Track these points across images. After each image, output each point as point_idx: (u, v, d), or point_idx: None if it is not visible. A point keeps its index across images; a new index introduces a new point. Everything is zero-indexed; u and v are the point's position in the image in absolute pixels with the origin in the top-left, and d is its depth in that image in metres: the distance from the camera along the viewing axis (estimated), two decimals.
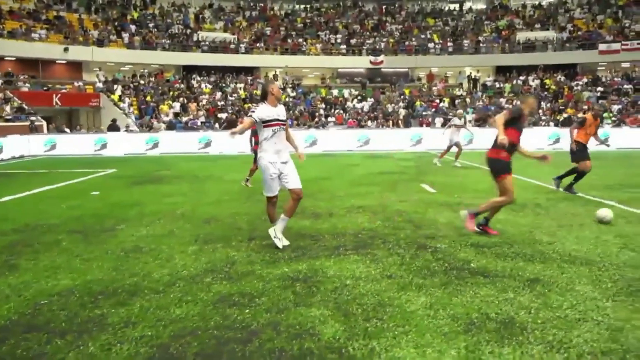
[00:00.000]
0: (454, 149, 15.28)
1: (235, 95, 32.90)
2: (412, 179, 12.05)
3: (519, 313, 3.83)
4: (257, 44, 37.37)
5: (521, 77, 35.52)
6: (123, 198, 9.61)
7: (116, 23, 35.50)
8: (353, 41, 38.62)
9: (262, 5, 42.68)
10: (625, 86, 32.95)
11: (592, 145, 9.75)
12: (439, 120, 27.68)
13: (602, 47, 35.16)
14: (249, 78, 35.67)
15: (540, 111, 29.74)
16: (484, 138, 11.55)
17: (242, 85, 34.32)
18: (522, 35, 38.09)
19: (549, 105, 31.38)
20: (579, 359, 3.13)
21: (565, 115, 28.59)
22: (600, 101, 31.48)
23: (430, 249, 5.65)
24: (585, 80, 34.58)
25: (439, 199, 9.03)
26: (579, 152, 9.46)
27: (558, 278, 4.63)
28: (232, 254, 5.54)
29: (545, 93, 33.21)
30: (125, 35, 34.11)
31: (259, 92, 22.89)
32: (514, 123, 6.00)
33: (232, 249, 5.75)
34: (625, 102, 30.30)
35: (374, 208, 8.26)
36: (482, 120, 27.08)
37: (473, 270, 4.89)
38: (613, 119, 27.79)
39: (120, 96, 30.19)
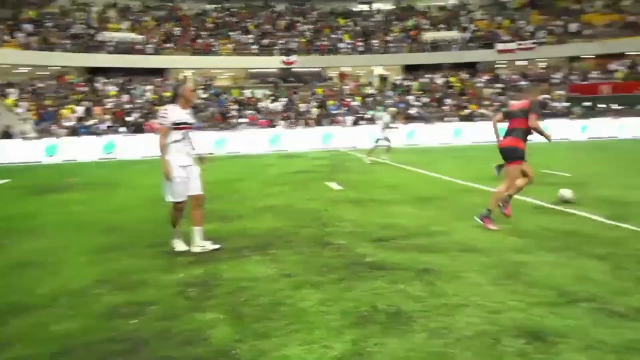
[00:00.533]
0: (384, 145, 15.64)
1: (143, 97, 31.77)
2: (324, 178, 12.20)
3: (407, 303, 3.98)
4: (167, 45, 36.30)
5: (428, 75, 36.99)
6: (18, 210, 9.00)
7: (10, 22, 33.13)
8: (265, 41, 38.51)
9: (171, 5, 41.51)
10: (522, 82, 35.25)
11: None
12: (349, 119, 28.24)
13: (499, 46, 37.38)
14: (159, 80, 34.58)
15: (447, 107, 31.15)
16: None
17: (151, 87, 33.20)
18: (428, 36, 39.68)
19: (454, 102, 32.90)
20: (457, 342, 3.29)
21: (468, 111, 30.08)
22: (499, 97, 33.53)
23: (332, 246, 5.74)
24: (486, 77, 36.64)
25: (349, 196, 9.20)
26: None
27: (448, 267, 4.86)
28: (128, 262, 5.34)
29: (450, 90, 34.80)
30: (21, 35, 31.93)
31: (170, 94, 22.26)
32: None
33: (129, 257, 5.55)
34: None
35: (283, 208, 8.28)
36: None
37: (370, 264, 5.02)
38: None
39: (16, 101, 28.21)
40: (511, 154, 6.52)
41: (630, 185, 9.40)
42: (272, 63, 38.01)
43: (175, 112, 5.50)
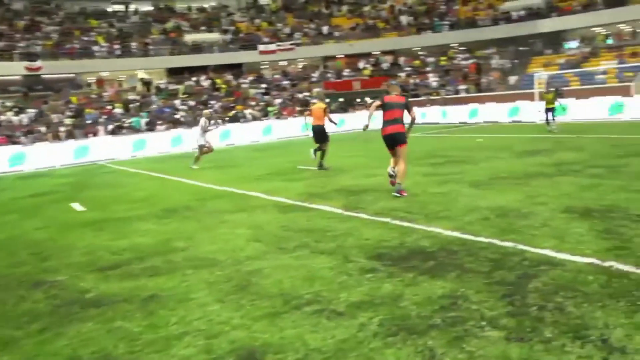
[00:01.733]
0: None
1: None
2: (67, 198, 10.75)
3: (118, 345, 3.41)
4: None
5: (193, 78, 36.34)
6: None
7: None
8: (1, 44, 33.42)
9: None
10: (284, 82, 36.98)
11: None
12: (107, 128, 26.09)
13: (261, 47, 38.58)
14: None
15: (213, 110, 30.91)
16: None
17: None
18: (189, 37, 38.97)
19: (221, 103, 32.88)
20: None
21: (234, 111, 30.32)
22: (265, 97, 34.62)
23: (47, 286, 4.84)
24: (250, 78, 37.50)
25: (88, 218, 8.15)
26: (324, 134, 11.66)
27: (177, 290, 4.41)
28: None
29: (217, 92, 34.73)
30: None
31: None
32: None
33: None
34: (285, 96, 33.93)
35: (1, 243, 6.92)
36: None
37: (87, 301, 4.31)
38: (275, 112, 30.70)
39: None
40: (403, 138, 7.73)
41: (368, 173, 10.19)
42: (14, 69, 33.18)
43: None
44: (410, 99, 8.63)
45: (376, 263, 4.62)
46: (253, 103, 32.86)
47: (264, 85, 36.29)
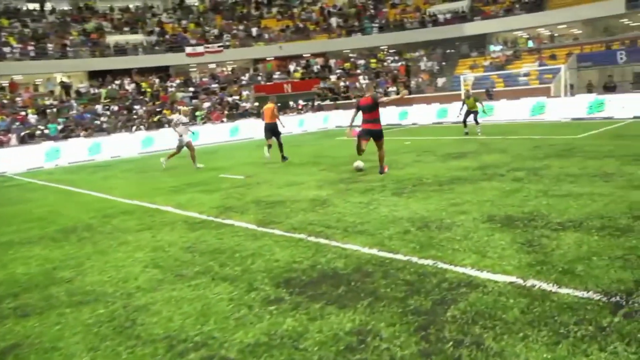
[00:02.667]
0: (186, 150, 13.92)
1: None
2: None
3: None
4: None
5: (116, 82, 34.60)
6: None
7: None
8: None
9: None
10: (212, 85, 35.92)
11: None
12: (16, 136, 24.16)
13: (188, 49, 37.32)
14: None
15: (136, 116, 29.50)
16: None
17: None
18: (112, 39, 37.14)
19: (146, 108, 31.44)
20: None
21: (159, 116, 29.07)
22: (193, 100, 33.45)
23: None
24: (178, 81, 36.18)
25: None
26: (275, 131, 13.34)
27: (46, 335, 3.71)
28: None
29: (142, 96, 33.23)
30: None
31: None
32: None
33: None
34: (214, 100, 32.94)
35: None
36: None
37: None
38: (202, 116, 29.69)
39: None
40: (380, 133, 9.48)
41: (290, 181, 9.69)
42: None
43: None
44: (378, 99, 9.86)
45: (282, 291, 4.11)
46: (180, 107, 31.58)
47: (191, 89, 35.08)
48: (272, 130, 13.38)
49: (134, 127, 24.92)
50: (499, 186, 7.43)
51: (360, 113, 9.65)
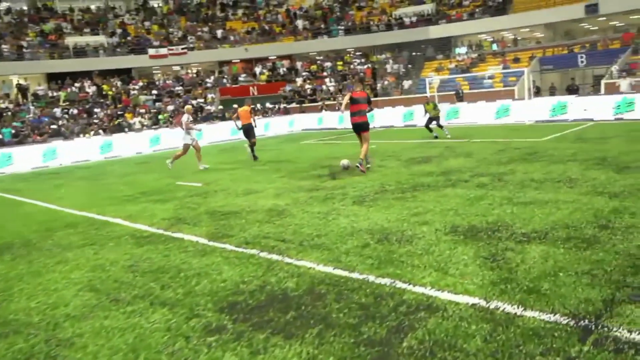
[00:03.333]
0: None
1: None
2: None
3: None
4: None
5: (76, 84, 33.50)
6: None
7: None
8: None
9: None
10: (177, 88, 35.12)
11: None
12: None
13: (151, 51, 36.44)
14: None
15: (97, 119, 28.55)
16: None
17: None
18: (71, 40, 35.97)
19: (107, 111, 30.49)
20: None
21: (119, 120, 28.22)
22: (156, 103, 32.64)
23: None
24: (141, 84, 35.28)
25: None
26: (251, 131, 14.49)
27: None
28: None
29: (103, 99, 32.25)
30: None
31: None
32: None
33: None
34: (178, 103, 32.18)
35: None
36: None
37: None
38: (165, 119, 28.97)
39: None
40: (367, 126, 10.16)
41: (248, 189, 9.28)
42: None
43: None
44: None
45: (226, 318, 3.72)
46: (143, 110, 30.79)
47: (155, 92, 34.23)
48: (247, 131, 14.45)
49: (92, 132, 24.03)
50: (462, 193, 7.19)
51: (349, 106, 10.09)
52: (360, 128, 10.10)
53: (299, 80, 35.27)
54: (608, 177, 7.50)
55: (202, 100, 33.41)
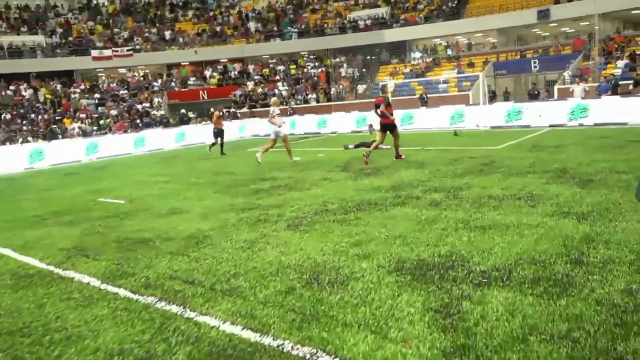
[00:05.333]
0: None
1: None
2: None
3: None
4: None
5: (11, 87, 31.27)
6: None
7: None
8: None
9: None
10: (121, 92, 33.31)
11: None
12: None
13: (94, 53, 34.52)
14: None
15: (32, 125, 26.59)
16: None
17: None
18: (6, 39, 33.64)
19: (46, 116, 28.49)
20: None
21: (53, 126, 26.34)
22: (99, 108, 30.83)
23: None
24: (83, 87, 33.33)
25: None
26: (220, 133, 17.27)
27: None
28: None
29: (41, 104, 30.19)
30: None
31: None
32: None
33: None
34: (121, 107, 30.47)
35: None
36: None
37: None
38: (105, 125, 27.30)
39: None
40: (393, 126, 11.64)
41: (174, 208, 8.13)
42: None
43: None
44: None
45: None
46: (83, 115, 28.93)
47: (97, 95, 32.34)
48: (218, 133, 17.18)
49: (20, 139, 22.19)
50: (413, 214, 6.28)
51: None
52: (387, 128, 11.62)
53: (251, 84, 34.07)
54: (572, 192, 6.75)
55: (148, 104, 31.74)
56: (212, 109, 21.86)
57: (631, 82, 19.05)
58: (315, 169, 11.38)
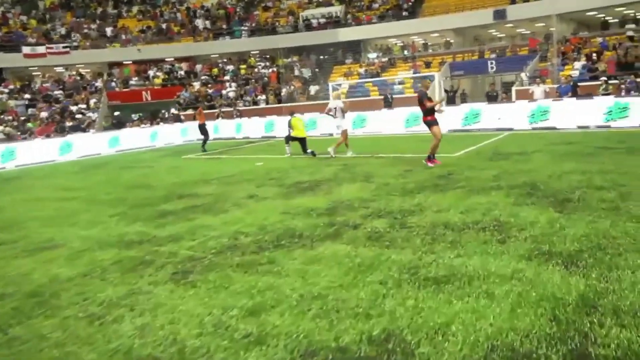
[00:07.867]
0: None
1: None
2: None
3: None
4: None
5: None
6: None
7: None
8: None
9: None
10: (56, 92, 30.68)
11: None
12: None
13: (26, 50, 31.73)
14: None
15: None
16: None
17: None
18: None
19: None
20: None
21: None
22: (29, 109, 28.19)
23: None
24: (12, 86, 30.54)
25: None
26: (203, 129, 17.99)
27: None
28: None
29: None
30: None
31: None
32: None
33: None
34: (53, 109, 27.95)
35: None
36: None
37: None
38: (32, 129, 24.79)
39: None
40: (428, 124, 10.57)
41: (48, 240, 6.31)
42: None
43: None
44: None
45: None
46: (10, 118, 26.28)
47: (28, 96, 29.65)
48: (201, 128, 17.89)
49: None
50: (345, 255, 4.68)
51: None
52: (429, 124, 10.61)
53: (197, 85, 32.01)
54: (549, 219, 5.31)
55: (84, 105, 29.27)
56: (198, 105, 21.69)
57: (589, 83, 18.18)
58: (246, 181, 9.69)
